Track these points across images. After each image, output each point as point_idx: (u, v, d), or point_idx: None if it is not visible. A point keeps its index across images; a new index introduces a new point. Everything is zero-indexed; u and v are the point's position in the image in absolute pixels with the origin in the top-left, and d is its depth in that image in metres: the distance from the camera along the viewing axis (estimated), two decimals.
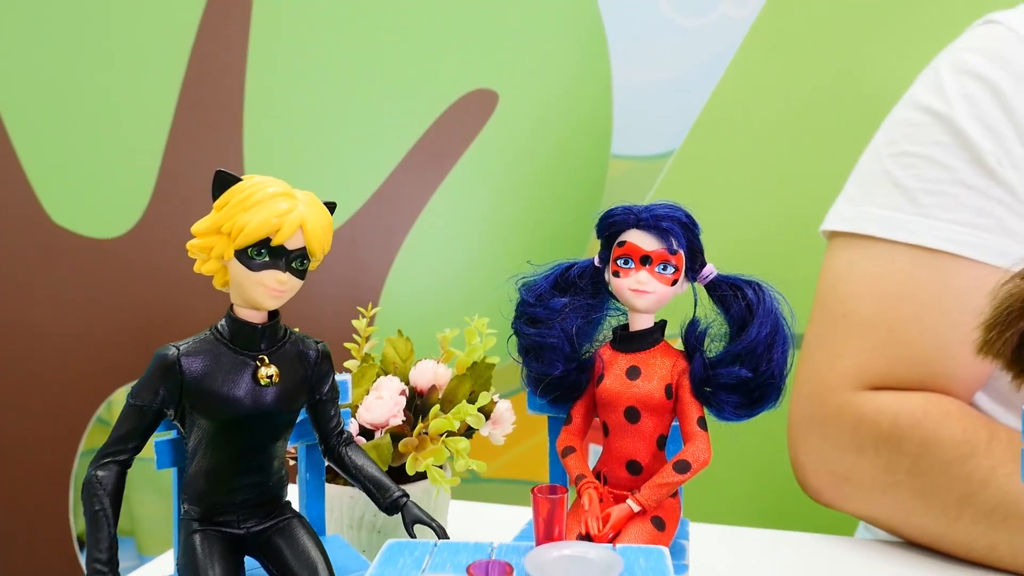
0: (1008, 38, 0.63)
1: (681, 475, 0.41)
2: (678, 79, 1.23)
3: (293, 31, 1.26)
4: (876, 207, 0.63)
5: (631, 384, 0.42)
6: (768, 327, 0.41)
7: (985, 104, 0.61)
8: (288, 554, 0.37)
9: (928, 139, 0.63)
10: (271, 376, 0.36)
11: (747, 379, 0.41)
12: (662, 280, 0.42)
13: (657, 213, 0.42)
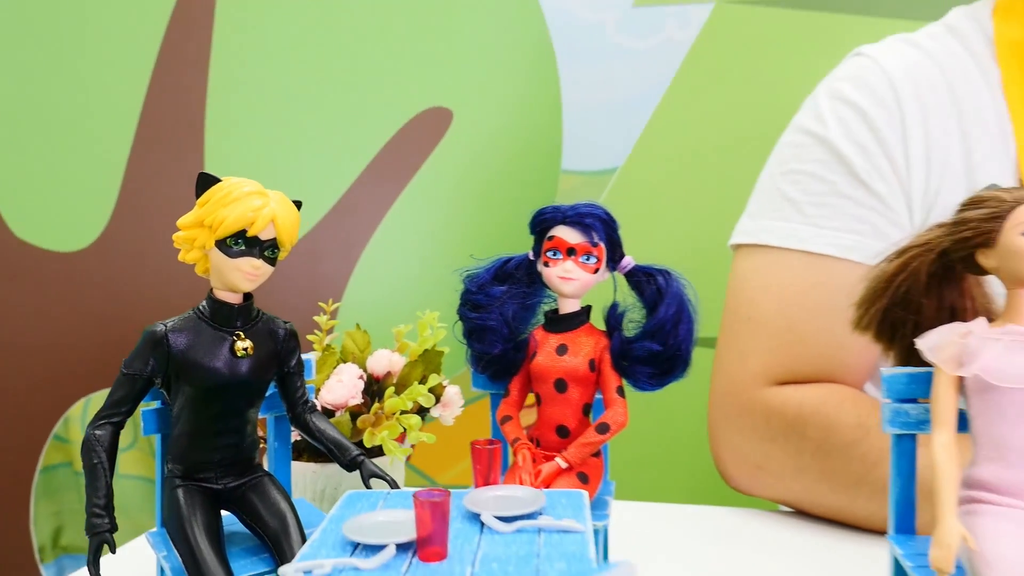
0: (873, 68, 0.72)
1: (602, 435, 0.47)
2: (625, 98, 1.30)
3: (253, 50, 1.31)
4: (771, 220, 0.72)
5: (560, 359, 0.49)
6: (674, 307, 0.47)
7: (855, 126, 0.70)
8: (260, 506, 0.43)
9: (811, 158, 0.71)
10: (246, 348, 0.42)
11: (657, 352, 0.47)
12: (585, 269, 0.48)
13: (581, 211, 0.49)
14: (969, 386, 0.40)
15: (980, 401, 0.40)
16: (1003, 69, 0.70)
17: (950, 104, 0.69)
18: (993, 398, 0.39)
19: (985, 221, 0.41)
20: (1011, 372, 0.38)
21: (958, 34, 0.73)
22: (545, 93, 1.32)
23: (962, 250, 0.42)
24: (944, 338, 0.41)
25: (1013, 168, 0.68)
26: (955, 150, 0.68)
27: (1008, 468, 0.39)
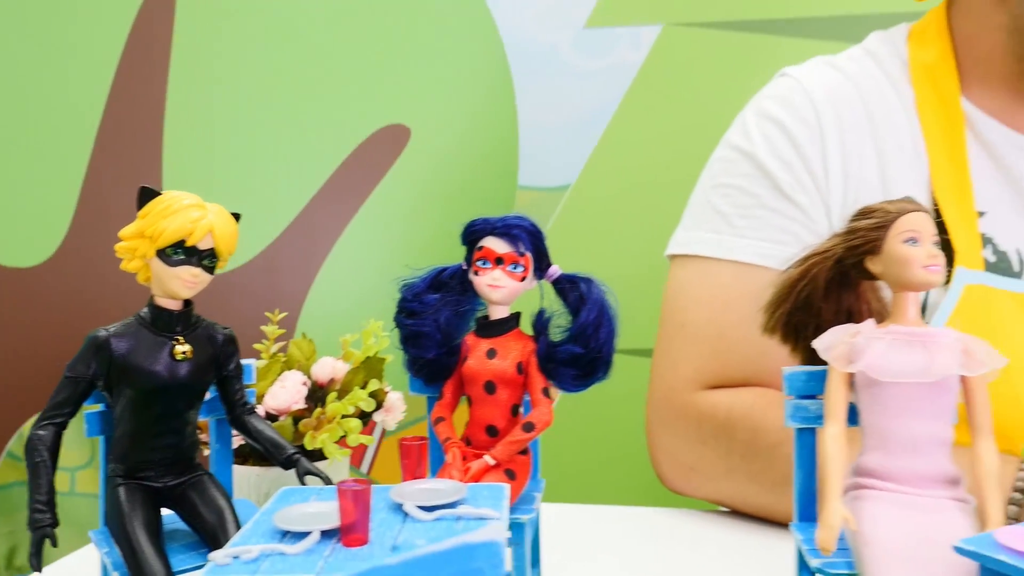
0: (796, 88, 0.76)
1: (528, 434, 0.50)
2: (580, 116, 1.34)
3: (213, 67, 1.33)
4: (703, 231, 0.75)
5: (489, 363, 0.52)
6: (595, 312, 0.51)
7: (779, 142, 0.74)
8: (199, 503, 0.45)
9: (738, 172, 0.75)
10: (185, 352, 0.44)
11: (580, 355, 0.51)
12: (513, 277, 0.51)
13: (508, 223, 0.52)
14: (858, 382, 0.44)
15: (867, 395, 0.44)
16: (916, 91, 0.74)
17: (867, 122, 0.74)
18: (877, 392, 0.43)
19: (872, 230, 0.45)
20: (892, 368, 0.42)
21: (876, 57, 0.78)
22: (501, 111, 1.35)
23: (854, 257, 0.46)
24: (836, 338, 0.45)
25: (925, 183, 0.72)
26: (871, 165, 0.72)
27: (890, 456, 0.42)
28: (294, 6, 1.33)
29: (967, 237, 0.69)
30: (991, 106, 0.74)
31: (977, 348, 0.42)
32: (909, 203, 0.45)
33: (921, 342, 0.43)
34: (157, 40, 1.34)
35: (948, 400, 0.42)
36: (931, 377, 0.41)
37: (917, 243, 0.43)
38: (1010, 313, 0.68)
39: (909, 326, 0.44)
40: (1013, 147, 0.73)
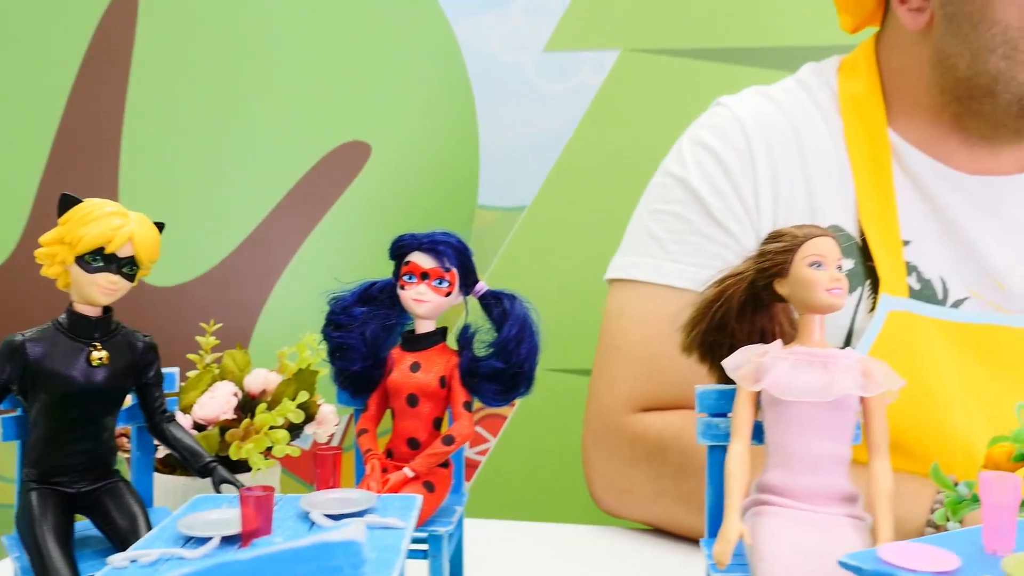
0: (729, 117, 0.78)
1: (447, 447, 0.51)
2: (541, 137, 1.36)
3: (172, 78, 1.33)
4: (638, 256, 0.77)
5: (412, 376, 0.52)
6: (516, 328, 0.52)
7: (712, 169, 0.76)
8: (112, 509, 0.45)
9: (673, 198, 0.77)
10: (101, 358, 0.44)
11: (501, 370, 0.51)
12: (438, 292, 0.52)
13: (435, 239, 0.53)
14: (764, 400, 0.45)
15: (771, 414, 0.45)
16: (845, 121, 0.77)
17: (796, 151, 0.76)
18: (780, 411, 0.44)
19: (780, 253, 0.46)
20: (794, 387, 0.43)
21: (807, 88, 0.80)
22: (462, 130, 1.36)
23: (764, 279, 0.47)
24: (744, 358, 0.46)
25: (852, 210, 0.74)
26: (800, 192, 0.74)
27: (791, 474, 0.44)
28: (256, 22, 1.34)
29: (892, 265, 0.71)
30: (917, 138, 0.76)
31: (875, 369, 0.44)
32: (816, 228, 0.46)
33: (822, 363, 0.44)
34: (118, 49, 1.34)
35: (847, 420, 0.44)
36: (829, 397, 0.43)
37: (821, 267, 0.45)
38: (934, 339, 0.70)
39: (813, 347, 0.45)
40: (938, 178, 0.75)
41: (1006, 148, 0.74)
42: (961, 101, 0.73)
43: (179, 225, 1.33)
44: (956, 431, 0.68)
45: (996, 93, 0.70)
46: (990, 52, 0.69)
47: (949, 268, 0.73)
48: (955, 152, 0.75)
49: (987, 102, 0.71)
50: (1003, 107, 0.71)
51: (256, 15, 1.34)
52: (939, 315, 0.71)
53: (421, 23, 1.36)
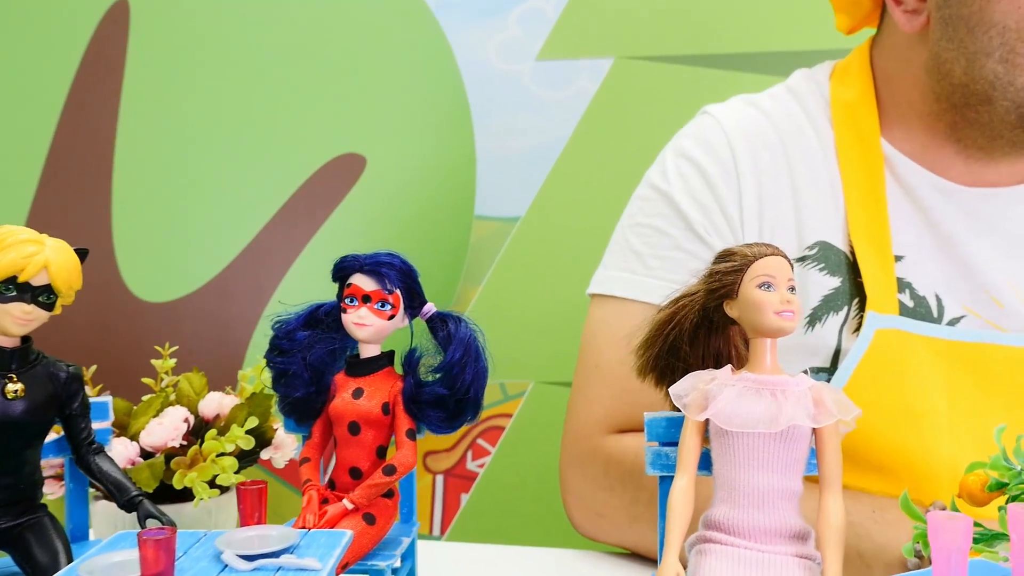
0: (714, 127, 0.75)
1: (388, 477, 0.49)
2: (538, 146, 1.34)
3: (164, 92, 1.32)
4: (619, 271, 0.74)
5: (355, 403, 0.50)
6: (460, 352, 0.49)
7: (695, 182, 0.73)
8: (33, 543, 0.43)
9: (654, 212, 0.74)
10: (17, 391, 0.43)
11: (444, 396, 0.49)
12: (380, 315, 0.50)
13: (377, 260, 0.51)
14: (712, 430, 0.43)
15: (718, 445, 0.42)
16: (836, 130, 0.73)
17: (784, 163, 0.73)
18: (726, 442, 0.42)
19: (728, 274, 0.44)
20: (739, 417, 0.41)
21: (797, 95, 0.77)
22: (458, 140, 1.35)
23: (714, 301, 0.45)
24: (691, 384, 0.44)
25: (841, 225, 0.71)
26: (786, 207, 0.71)
27: (736, 509, 0.41)
28: (249, 35, 1.33)
29: (882, 281, 0.68)
30: (911, 148, 0.73)
31: (828, 398, 0.41)
32: (766, 247, 0.44)
33: (771, 391, 0.41)
34: (109, 66, 1.34)
35: (797, 452, 0.41)
36: (776, 427, 0.40)
37: (771, 288, 0.42)
38: (924, 358, 0.67)
39: (763, 374, 0.42)
40: (933, 190, 0.71)
41: (1003, 160, 0.71)
42: (957, 109, 0.70)
43: (173, 239, 1.33)
44: (944, 455, 0.65)
45: (993, 100, 0.67)
46: (987, 56, 0.66)
47: (944, 284, 0.69)
48: (951, 163, 0.72)
49: (984, 110, 0.68)
50: (1000, 115, 0.67)
51: (248, 26, 1.33)
52: (930, 333, 0.67)
53: (415, 33, 1.35)
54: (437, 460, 1.34)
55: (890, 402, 0.65)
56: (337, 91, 1.33)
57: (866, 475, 0.66)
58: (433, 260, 1.35)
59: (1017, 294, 0.69)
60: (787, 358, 0.68)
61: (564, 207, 1.30)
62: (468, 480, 1.35)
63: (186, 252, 1.33)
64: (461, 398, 0.50)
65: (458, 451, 1.35)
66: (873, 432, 0.65)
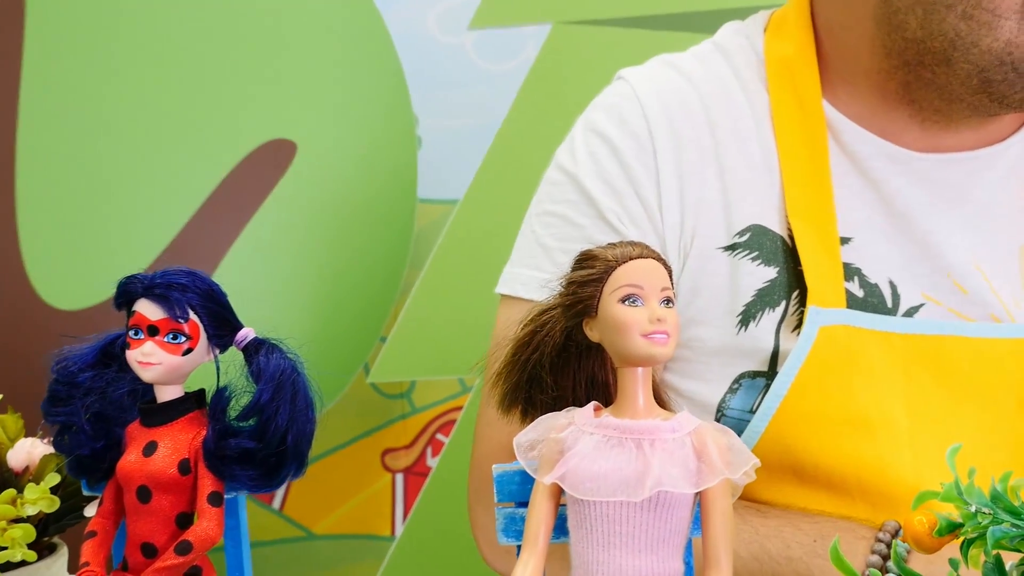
0: (628, 95, 0.64)
1: (182, 557, 0.39)
2: (485, 122, 1.24)
3: (69, 77, 1.21)
4: (525, 267, 0.64)
5: (146, 461, 0.40)
6: (269, 393, 0.39)
7: (606, 162, 0.62)
8: None
9: (562, 198, 0.64)
10: None
11: (251, 450, 0.39)
12: (172, 350, 0.40)
13: (168, 279, 0.40)
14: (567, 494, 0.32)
15: (573, 514, 0.32)
16: (772, 94, 0.63)
17: (709, 135, 0.62)
18: (580, 511, 0.31)
19: (585, 285, 0.33)
20: (590, 481, 0.30)
21: (726, 53, 0.66)
22: (396, 120, 1.25)
23: (572, 320, 0.34)
24: (540, 432, 0.33)
25: (777, 204, 0.61)
26: (712, 187, 0.61)
27: None
28: (164, 12, 1.22)
29: (826, 269, 0.58)
30: (858, 111, 0.62)
31: (713, 448, 0.31)
32: (633, 247, 0.33)
33: (636, 442, 0.31)
34: (6, 49, 1.22)
35: (674, 523, 0.31)
36: (637, 495, 0.30)
37: (638, 302, 0.32)
38: (877, 357, 0.57)
39: (630, 417, 0.32)
40: (885, 158, 0.61)
41: (965, 124, 0.61)
42: (911, 67, 0.59)
43: (85, 241, 1.23)
44: (904, 468, 0.56)
45: (952, 61, 0.56)
46: (947, 8, 0.55)
47: (899, 269, 0.60)
48: (905, 128, 0.62)
49: (941, 71, 0.57)
50: (960, 79, 0.57)
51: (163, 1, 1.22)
52: (884, 327, 0.58)
53: (344, 6, 1.25)
54: (396, 458, 1.27)
55: (839, 410, 0.56)
56: (261, 72, 1.23)
57: (814, 494, 0.57)
58: (375, 249, 1.26)
59: (984, 277, 0.59)
60: (717, 364, 0.59)
61: (504, 186, 1.20)
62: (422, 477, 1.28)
63: (99, 255, 1.23)
64: (274, 452, 0.39)
65: (417, 448, 1.28)
66: (820, 445, 0.56)
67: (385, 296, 1.27)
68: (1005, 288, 0.59)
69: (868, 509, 0.56)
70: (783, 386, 0.56)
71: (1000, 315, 0.59)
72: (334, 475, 1.26)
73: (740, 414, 0.58)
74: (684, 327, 0.59)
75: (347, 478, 1.26)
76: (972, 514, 0.37)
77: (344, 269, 1.26)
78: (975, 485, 0.39)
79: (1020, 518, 0.35)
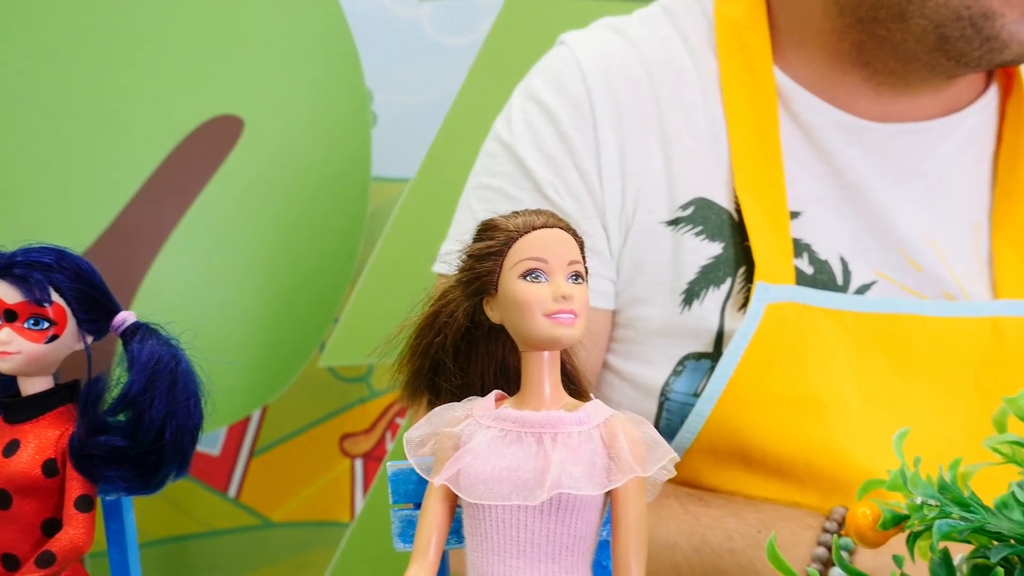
0: (568, 60, 0.61)
1: (43, 569, 0.35)
2: (441, 98, 1.20)
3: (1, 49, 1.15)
4: (459, 245, 0.60)
5: (6, 462, 0.36)
6: (141, 384, 0.35)
7: (543, 131, 0.59)
8: None
9: (498, 170, 0.61)
10: None
11: (123, 448, 0.35)
12: (32, 337, 0.36)
13: (28, 259, 0.36)
14: None
15: (468, 518, 0.28)
16: (721, 60, 0.60)
17: (652, 103, 0.59)
18: (475, 515, 0.28)
19: (482, 259, 0.29)
20: (482, 484, 0.26)
21: (673, 16, 0.63)
22: (348, 95, 1.21)
23: (473, 298, 0.31)
24: (435, 425, 0.29)
25: (725, 177, 0.58)
26: (655, 158, 0.58)
27: None
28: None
29: (774, 244, 0.56)
30: (809, 77, 0.59)
31: (624, 443, 0.27)
32: (538, 215, 0.29)
33: (537, 436, 0.27)
34: None
35: (578, 528, 0.27)
36: (534, 498, 0.26)
37: (542, 277, 0.28)
38: (828, 337, 0.54)
39: (534, 408, 0.28)
40: (837, 128, 0.59)
41: (922, 88, 0.58)
42: (864, 25, 0.56)
43: (22, 223, 1.17)
44: (855, 451, 0.53)
45: (907, 16, 0.54)
46: None
47: (851, 245, 0.57)
48: (858, 94, 0.59)
49: (896, 28, 0.55)
50: (916, 35, 0.54)
51: None
52: (835, 305, 0.55)
53: None
54: (355, 443, 1.23)
55: (788, 391, 0.54)
56: (206, 44, 1.17)
57: (762, 480, 0.54)
58: (328, 230, 1.22)
59: (937, 253, 0.57)
60: (660, 345, 0.56)
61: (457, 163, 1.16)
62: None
63: (36, 236, 1.17)
64: (150, 450, 0.35)
65: (376, 432, 1.25)
66: (768, 428, 0.54)
67: (339, 277, 1.23)
68: (959, 265, 0.57)
69: (818, 495, 0.53)
70: (729, 367, 0.53)
71: (955, 292, 0.56)
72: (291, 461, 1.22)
73: (685, 397, 0.55)
74: (627, 306, 0.56)
75: (305, 464, 1.23)
76: (918, 506, 0.33)
77: (295, 250, 1.21)
78: (926, 473, 0.36)
79: (969, 509, 0.32)
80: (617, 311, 0.58)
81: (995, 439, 0.35)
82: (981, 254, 0.58)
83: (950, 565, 0.32)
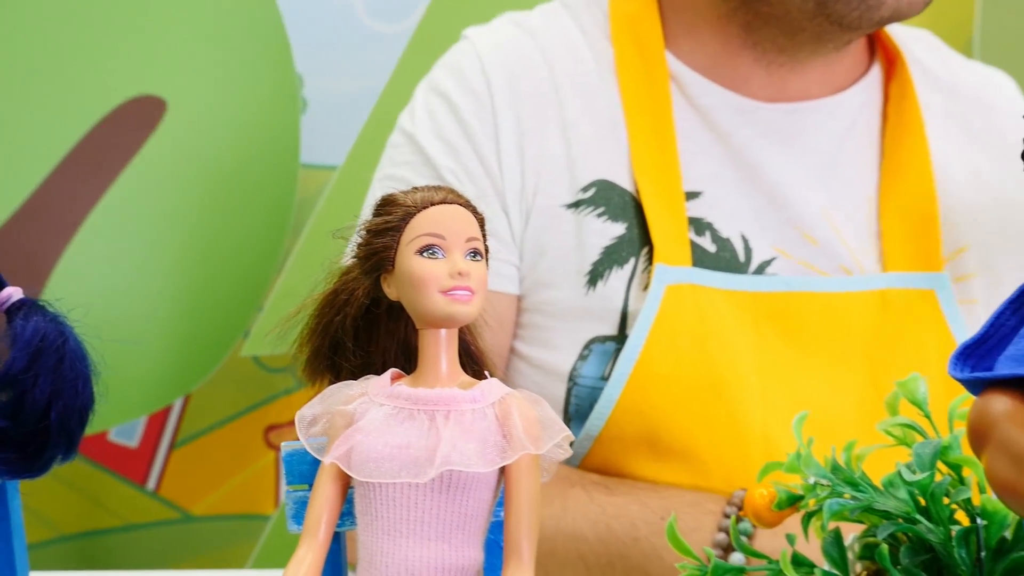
0: (469, 52, 0.65)
1: None
2: (374, 85, 1.19)
3: None
4: None
5: None
6: (24, 361, 0.33)
7: (444, 119, 0.63)
8: None
9: (401, 160, 0.64)
10: None
11: (5, 429, 0.33)
12: None
13: None
14: None
15: (359, 498, 0.28)
16: (616, 49, 0.63)
17: (551, 91, 0.63)
18: (366, 494, 0.27)
19: (379, 234, 0.29)
20: (372, 462, 0.26)
21: (572, 9, 0.67)
22: (277, 79, 1.19)
23: (371, 275, 0.30)
24: (329, 404, 0.29)
25: (626, 160, 0.61)
26: (555, 143, 0.62)
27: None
28: None
29: (671, 226, 0.59)
30: (702, 61, 0.63)
31: (519, 420, 0.27)
32: (436, 191, 0.29)
33: (429, 414, 0.27)
34: None
35: (469, 506, 0.27)
36: (423, 475, 0.26)
37: (438, 253, 0.28)
38: (727, 317, 0.57)
39: (430, 385, 0.28)
40: (731, 111, 0.62)
41: (811, 64, 0.62)
42: (748, 6, 0.60)
43: None
44: (754, 428, 0.56)
45: None
46: None
47: (751, 223, 0.61)
48: (750, 75, 0.63)
49: (777, 1, 0.59)
50: (797, 4, 0.58)
51: None
52: (729, 285, 0.59)
53: None
54: (281, 435, 1.21)
55: (691, 373, 0.56)
56: (128, 21, 1.15)
57: (667, 465, 0.56)
58: (254, 217, 1.20)
59: (833, 228, 0.60)
60: (566, 328, 0.58)
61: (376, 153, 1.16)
62: None
63: None
64: (34, 430, 0.34)
65: None
66: (674, 411, 0.56)
67: (265, 265, 1.21)
68: (855, 239, 0.61)
69: (723, 479, 0.55)
70: (635, 349, 0.55)
71: (851, 266, 0.60)
72: (214, 453, 1.20)
73: (593, 382, 0.56)
74: (532, 290, 0.58)
75: (228, 456, 1.20)
76: (812, 486, 0.34)
77: (219, 237, 1.19)
78: (820, 454, 0.37)
79: (859, 489, 0.33)
80: (522, 296, 0.59)
81: (888, 422, 0.36)
82: (872, 228, 0.60)
83: (840, 544, 0.33)
